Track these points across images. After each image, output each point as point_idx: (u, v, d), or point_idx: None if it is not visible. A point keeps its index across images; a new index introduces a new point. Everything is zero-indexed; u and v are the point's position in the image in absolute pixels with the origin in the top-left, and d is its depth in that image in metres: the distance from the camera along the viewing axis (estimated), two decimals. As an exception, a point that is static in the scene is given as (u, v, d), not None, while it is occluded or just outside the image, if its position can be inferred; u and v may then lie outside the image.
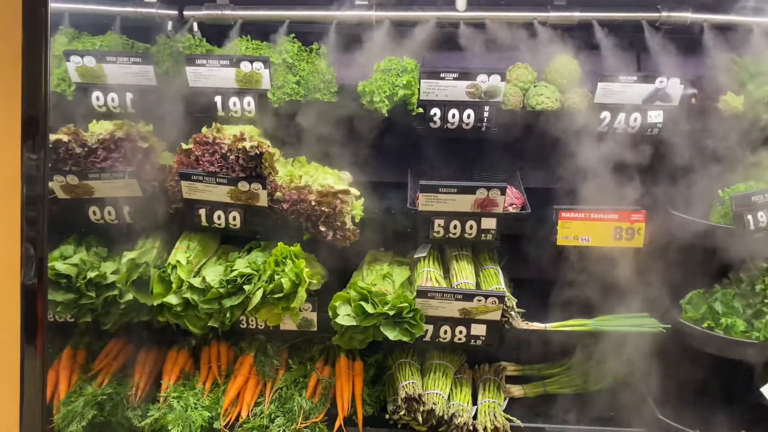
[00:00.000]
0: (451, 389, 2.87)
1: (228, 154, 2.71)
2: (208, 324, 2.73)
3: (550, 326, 2.85)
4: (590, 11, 2.88)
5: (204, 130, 2.84)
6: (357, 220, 2.81)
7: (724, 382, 2.90)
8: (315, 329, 2.88)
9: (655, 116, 2.78)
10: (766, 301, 2.71)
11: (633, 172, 2.85)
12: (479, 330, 2.79)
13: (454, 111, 2.83)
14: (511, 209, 2.89)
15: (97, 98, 2.88)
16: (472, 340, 2.81)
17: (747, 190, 2.66)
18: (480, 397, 2.91)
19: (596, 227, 2.78)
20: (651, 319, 2.86)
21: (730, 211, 2.62)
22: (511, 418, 2.81)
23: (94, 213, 2.86)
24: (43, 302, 2.20)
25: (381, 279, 2.88)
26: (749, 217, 2.59)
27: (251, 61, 2.79)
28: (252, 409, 2.82)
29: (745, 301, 2.77)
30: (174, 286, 2.71)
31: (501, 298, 2.70)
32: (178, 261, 2.76)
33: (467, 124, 2.86)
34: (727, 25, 2.91)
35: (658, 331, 2.81)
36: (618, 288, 2.93)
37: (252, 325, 2.87)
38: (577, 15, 2.88)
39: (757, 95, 2.77)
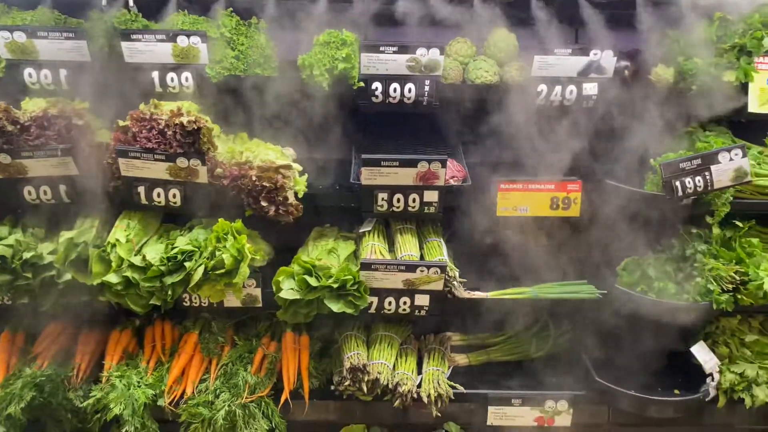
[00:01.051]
0: (396, 359, 2.92)
1: (165, 129, 2.67)
2: (150, 302, 2.70)
3: (491, 294, 2.91)
4: (527, -15, 2.92)
5: (141, 106, 2.79)
6: (300, 195, 2.81)
7: (658, 344, 3.01)
8: (260, 305, 2.88)
9: (590, 88, 2.85)
10: (695, 264, 2.82)
11: (570, 143, 2.91)
12: (423, 300, 2.84)
13: (395, 85, 2.85)
14: (452, 182, 2.93)
15: (30, 75, 2.79)
16: (416, 311, 2.85)
17: (677, 157, 2.75)
18: (425, 366, 2.97)
19: (534, 198, 2.84)
20: (589, 285, 2.95)
21: (660, 177, 2.70)
22: (454, 384, 2.87)
23: (29, 193, 2.78)
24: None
25: (326, 254, 2.90)
26: (677, 183, 2.68)
27: (188, 36, 2.75)
28: (197, 386, 2.81)
29: (676, 265, 2.87)
30: (114, 265, 2.67)
31: (443, 268, 2.74)
32: (117, 239, 2.72)
33: (409, 99, 2.88)
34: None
35: (595, 297, 2.90)
36: (557, 256, 3.01)
37: (195, 303, 2.85)
38: (514, -11, 2.92)
39: (686, 67, 2.86)
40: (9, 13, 2.91)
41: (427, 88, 2.86)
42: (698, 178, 2.69)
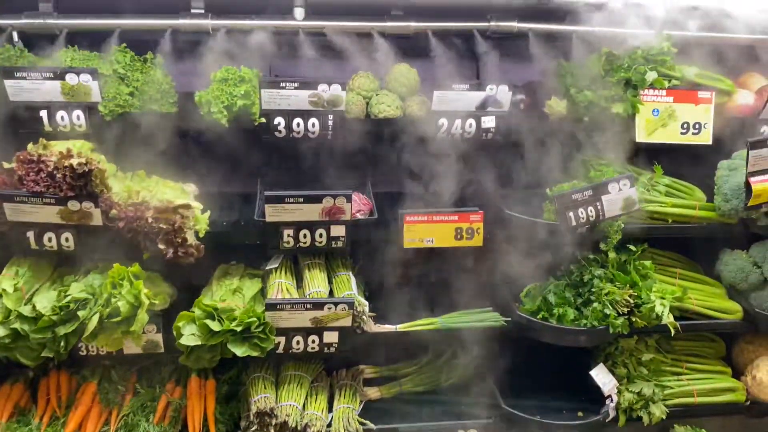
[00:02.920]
0: (306, 399, 2.88)
1: (55, 172, 2.54)
2: (42, 354, 2.56)
3: (400, 327, 2.92)
4: (425, 21, 2.97)
5: (29, 147, 2.65)
6: (201, 235, 2.73)
7: (561, 368, 3.11)
8: (162, 350, 2.77)
9: (488, 121, 2.92)
10: (593, 290, 2.93)
11: (471, 175, 2.99)
12: (332, 337, 2.81)
13: (298, 120, 2.83)
14: (359, 215, 2.93)
15: None
16: (326, 348, 2.83)
17: (571, 188, 2.86)
18: (335, 403, 2.95)
19: (439, 229, 2.88)
20: (494, 313, 3.02)
21: (555, 209, 2.80)
22: (364, 421, 2.86)
23: None
24: None
25: (231, 294, 2.83)
26: (570, 214, 2.78)
27: (77, 73, 2.63)
28: (96, 440, 2.68)
29: (575, 290, 2.98)
30: (0, 316, 2.51)
31: (350, 305, 2.73)
32: (4, 289, 2.56)
33: (313, 133, 2.86)
34: (551, 33, 3.11)
35: (500, 324, 2.97)
36: (463, 285, 3.07)
37: (93, 352, 2.72)
38: (413, 25, 2.97)
39: (578, 99, 2.98)
40: None
41: (330, 123, 2.85)
42: (590, 208, 2.80)
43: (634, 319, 2.90)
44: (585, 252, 3.06)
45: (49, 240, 2.66)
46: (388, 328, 2.91)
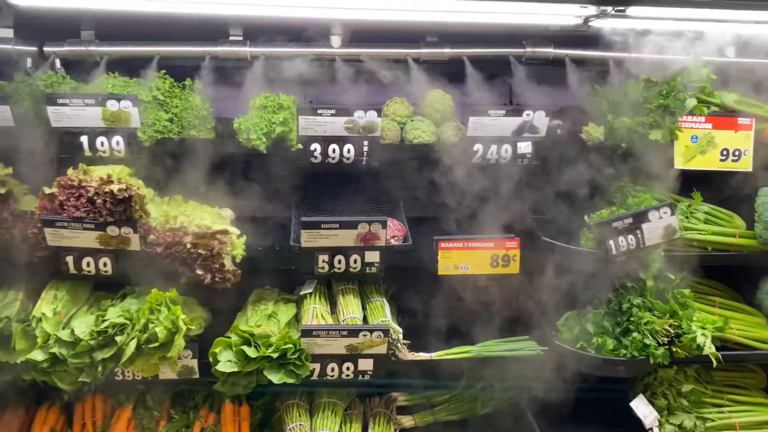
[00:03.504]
0: (340, 427, 2.85)
1: (95, 197, 2.57)
2: (80, 379, 2.57)
3: (435, 355, 2.88)
4: (460, 47, 2.97)
5: (70, 171, 2.68)
6: (238, 260, 2.74)
7: (599, 398, 3.04)
8: (197, 376, 2.77)
9: (525, 147, 2.91)
10: (632, 319, 2.87)
11: (507, 201, 2.96)
12: (367, 365, 2.79)
13: (334, 146, 2.84)
14: (393, 242, 2.92)
15: (-52, 141, 2.66)
16: (360, 375, 2.80)
17: (610, 216, 2.83)
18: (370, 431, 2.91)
19: (474, 256, 2.86)
20: (531, 342, 2.97)
21: (595, 236, 2.77)
22: (399, 451, 2.83)
23: (-53, 266, 2.63)
24: None
25: (266, 319, 2.82)
26: (611, 242, 2.74)
27: (118, 100, 2.67)
28: (130, 467, 2.68)
29: (613, 319, 2.93)
30: (40, 340, 2.53)
31: (386, 332, 2.71)
32: (43, 313, 2.58)
33: (348, 159, 2.87)
34: (587, 59, 3.09)
35: (537, 353, 2.92)
36: (498, 313, 3.03)
37: (129, 377, 2.72)
38: (448, 51, 2.97)
39: (615, 125, 2.96)
40: (-74, 77, 2.77)
41: (365, 149, 2.86)
42: (630, 236, 2.76)
43: (674, 350, 2.83)
44: (623, 280, 3.00)
45: (88, 264, 2.68)
46: (422, 356, 2.87)
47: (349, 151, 2.85)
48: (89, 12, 2.80)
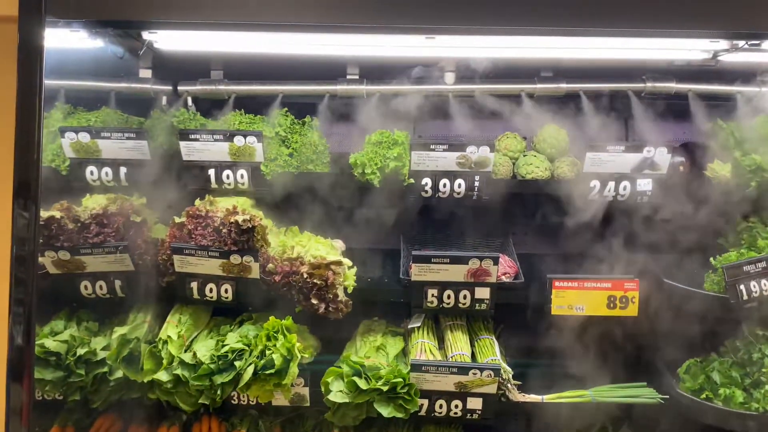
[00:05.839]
0: (447, 465, 2.81)
1: (220, 227, 2.71)
2: (199, 401, 2.69)
3: (546, 398, 2.80)
4: (576, 83, 2.93)
5: (197, 202, 2.85)
6: (350, 291, 2.79)
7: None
8: (308, 404, 2.82)
9: (645, 184, 2.81)
10: (764, 370, 2.67)
11: (624, 240, 2.86)
12: (475, 403, 2.74)
13: (445, 180, 2.86)
14: (504, 278, 2.88)
15: (92, 173, 2.89)
16: (468, 414, 2.75)
17: (739, 258, 2.66)
18: (477, 472, 2.85)
19: (590, 296, 2.77)
20: (648, 389, 2.82)
21: (723, 280, 2.61)
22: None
23: (86, 287, 2.84)
24: (29, 384, 2.18)
25: (375, 351, 2.85)
26: (742, 287, 2.58)
27: (244, 136, 2.82)
28: (243, 489, 2.75)
29: (742, 370, 2.73)
30: (165, 362, 2.68)
31: (497, 371, 2.66)
32: (169, 336, 2.73)
33: (458, 193, 2.88)
34: (712, 93, 2.97)
35: (656, 402, 2.77)
36: (614, 357, 2.90)
37: (243, 401, 2.82)
38: (564, 86, 2.94)
39: (744, 163, 2.80)
40: (74, 114, 3.05)
41: (477, 184, 2.86)
42: (764, 281, 2.58)
43: (813, 406, 2.60)
44: (751, 327, 2.81)
45: (210, 291, 2.82)
46: (534, 398, 2.79)
47: (459, 185, 2.86)
48: (219, 54, 3.01)
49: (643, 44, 2.60)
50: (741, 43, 2.49)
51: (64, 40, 2.53)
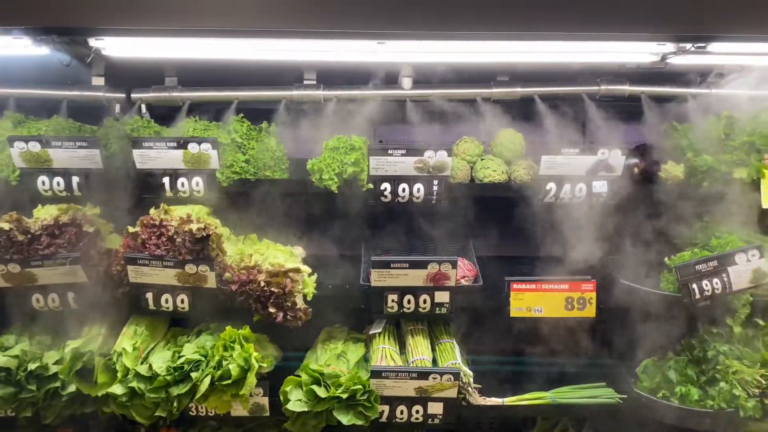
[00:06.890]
0: (409, 471, 2.80)
1: (175, 236, 2.67)
2: (156, 414, 2.63)
3: (507, 401, 2.80)
4: (531, 86, 2.95)
5: (152, 211, 2.80)
6: (309, 299, 2.77)
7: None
8: (267, 414, 2.79)
9: (600, 186, 2.84)
10: (718, 367, 2.71)
11: (581, 241, 2.88)
12: (436, 408, 2.74)
13: (404, 185, 2.85)
14: (463, 282, 2.88)
15: (43, 183, 2.81)
16: (430, 419, 2.75)
17: (692, 258, 2.70)
18: (439, 478, 2.84)
19: (548, 298, 2.78)
20: (607, 389, 2.85)
21: (677, 279, 2.64)
22: (470, 500, 2.74)
23: (38, 300, 2.77)
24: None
25: (335, 358, 2.83)
26: (694, 286, 2.61)
27: (199, 143, 2.78)
28: (202, 503, 2.70)
29: (698, 368, 2.77)
30: (119, 375, 2.62)
31: (456, 375, 2.66)
32: (123, 348, 2.68)
33: (418, 198, 2.87)
34: (664, 95, 3.01)
35: (615, 401, 2.79)
36: (573, 358, 2.92)
37: (202, 412, 2.77)
38: (519, 90, 2.96)
39: (696, 163, 2.85)
40: (24, 123, 2.97)
41: (435, 188, 2.86)
42: (716, 279, 2.62)
43: (767, 402, 2.65)
44: (706, 325, 2.85)
45: (166, 301, 2.77)
46: (494, 401, 2.80)
47: (418, 190, 2.85)
48: (173, 60, 2.96)
49: (595, 47, 2.62)
50: (688, 45, 2.52)
51: (8, 47, 2.47)
